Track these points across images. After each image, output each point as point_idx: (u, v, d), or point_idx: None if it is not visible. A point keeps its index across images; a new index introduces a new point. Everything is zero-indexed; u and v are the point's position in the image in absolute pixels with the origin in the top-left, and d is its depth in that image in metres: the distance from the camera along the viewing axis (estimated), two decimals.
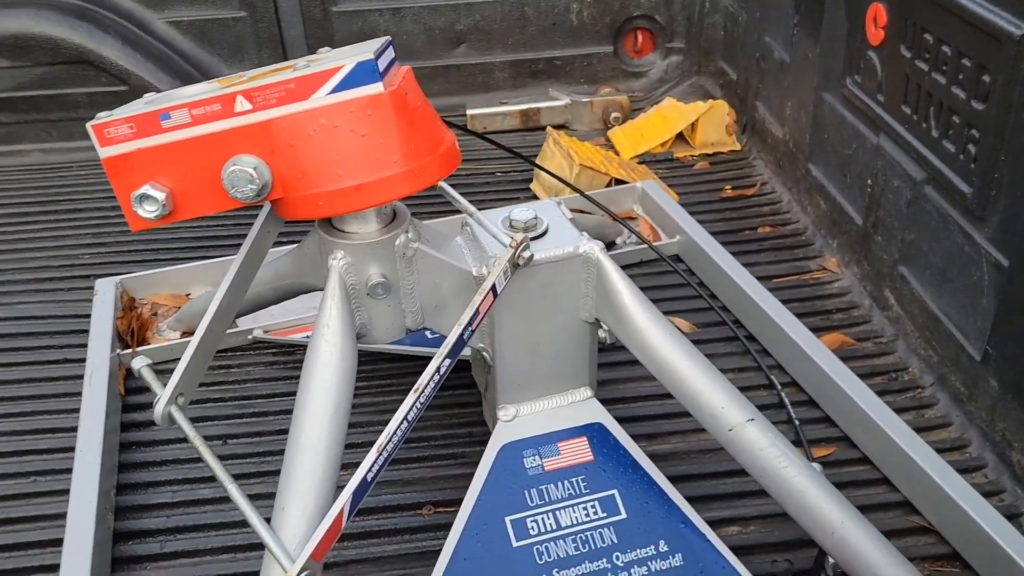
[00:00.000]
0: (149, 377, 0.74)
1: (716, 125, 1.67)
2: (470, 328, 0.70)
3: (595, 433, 0.84)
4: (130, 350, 1.13)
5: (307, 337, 1.14)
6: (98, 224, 1.47)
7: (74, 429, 1.01)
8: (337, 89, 0.62)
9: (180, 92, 0.69)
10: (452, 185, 0.81)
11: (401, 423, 0.66)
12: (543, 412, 0.84)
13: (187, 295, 1.26)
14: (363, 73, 0.61)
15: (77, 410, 1.04)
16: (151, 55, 1.70)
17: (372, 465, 0.64)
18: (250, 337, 1.17)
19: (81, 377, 1.10)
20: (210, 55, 1.80)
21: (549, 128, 1.63)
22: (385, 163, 0.64)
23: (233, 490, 0.66)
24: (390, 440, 0.65)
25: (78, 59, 1.63)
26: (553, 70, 1.93)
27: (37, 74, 1.64)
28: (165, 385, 0.71)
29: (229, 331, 1.17)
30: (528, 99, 1.84)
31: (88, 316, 1.21)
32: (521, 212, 0.79)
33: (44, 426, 1.04)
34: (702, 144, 1.68)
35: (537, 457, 0.81)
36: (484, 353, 0.82)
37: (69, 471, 0.96)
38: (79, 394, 1.06)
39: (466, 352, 1.03)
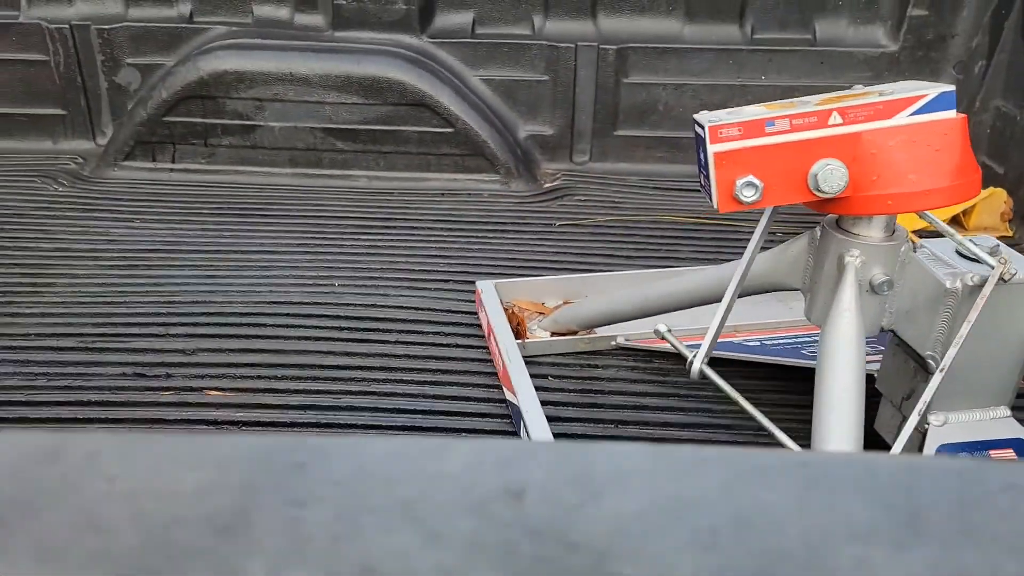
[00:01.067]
0: (674, 340, 0.90)
1: (992, 211, 1.77)
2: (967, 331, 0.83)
3: (1020, 447, 0.93)
4: (520, 340, 1.29)
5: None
6: (436, 240, 1.67)
7: (476, 399, 1.19)
8: (919, 112, 0.77)
9: (745, 110, 0.85)
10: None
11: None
12: (969, 423, 0.95)
13: (542, 303, 1.43)
14: (944, 101, 0.77)
15: (478, 385, 1.22)
16: (472, 105, 1.94)
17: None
18: (613, 344, 1.32)
19: (472, 359, 1.28)
20: (510, 110, 2.03)
21: None
22: (947, 175, 0.78)
23: (781, 436, 0.79)
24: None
25: (419, 102, 1.88)
26: None
27: (382, 111, 1.89)
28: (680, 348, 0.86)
29: (591, 336, 1.33)
30: None
31: (454, 311, 1.41)
32: (982, 240, 0.92)
33: (456, 394, 1.21)
34: (975, 227, 1.78)
35: None
36: (931, 360, 0.93)
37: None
38: (473, 372, 1.25)
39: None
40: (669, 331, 0.91)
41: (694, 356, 0.86)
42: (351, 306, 1.41)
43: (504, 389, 1.20)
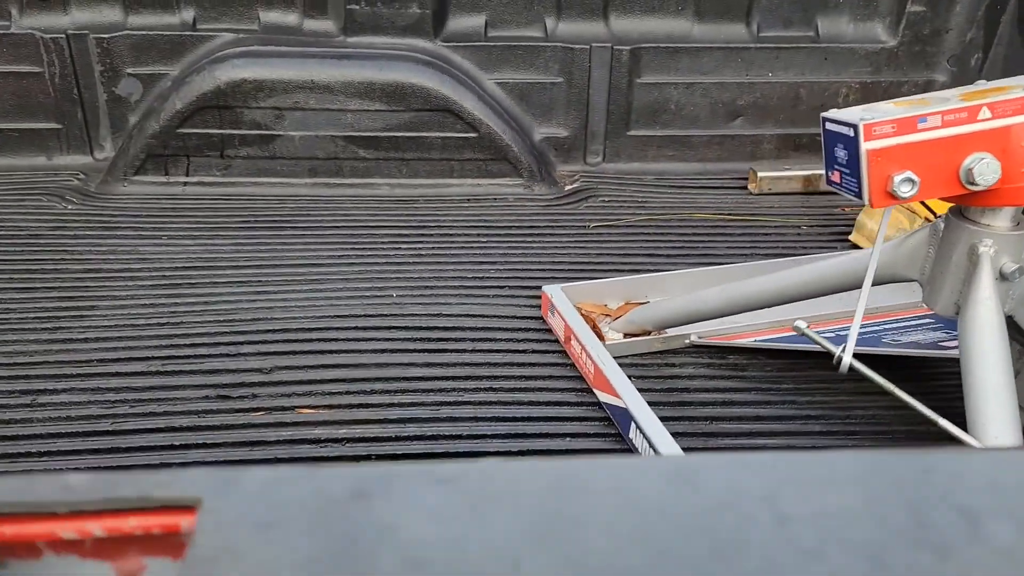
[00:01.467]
0: (813, 334, 0.91)
1: None
2: None
3: None
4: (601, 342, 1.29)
5: (757, 341, 1.31)
6: (476, 246, 1.66)
7: (571, 404, 1.19)
8: None
9: (878, 107, 0.87)
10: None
11: None
12: None
13: (604, 304, 1.43)
14: None
15: (568, 389, 1.21)
16: (492, 109, 1.93)
17: None
18: (686, 342, 1.34)
19: (552, 364, 1.28)
20: (525, 112, 2.03)
21: None
22: None
23: (946, 424, 0.81)
24: None
25: (443, 108, 1.86)
26: (815, 145, 2.14)
27: (406, 118, 1.86)
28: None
29: (665, 336, 1.34)
30: (810, 166, 2.05)
31: (519, 316, 1.40)
32: None
33: (549, 399, 1.20)
34: None
35: None
36: None
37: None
38: (558, 376, 1.24)
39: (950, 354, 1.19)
40: (808, 327, 0.93)
41: (842, 351, 0.88)
42: (416, 316, 1.39)
43: (597, 392, 1.20)
